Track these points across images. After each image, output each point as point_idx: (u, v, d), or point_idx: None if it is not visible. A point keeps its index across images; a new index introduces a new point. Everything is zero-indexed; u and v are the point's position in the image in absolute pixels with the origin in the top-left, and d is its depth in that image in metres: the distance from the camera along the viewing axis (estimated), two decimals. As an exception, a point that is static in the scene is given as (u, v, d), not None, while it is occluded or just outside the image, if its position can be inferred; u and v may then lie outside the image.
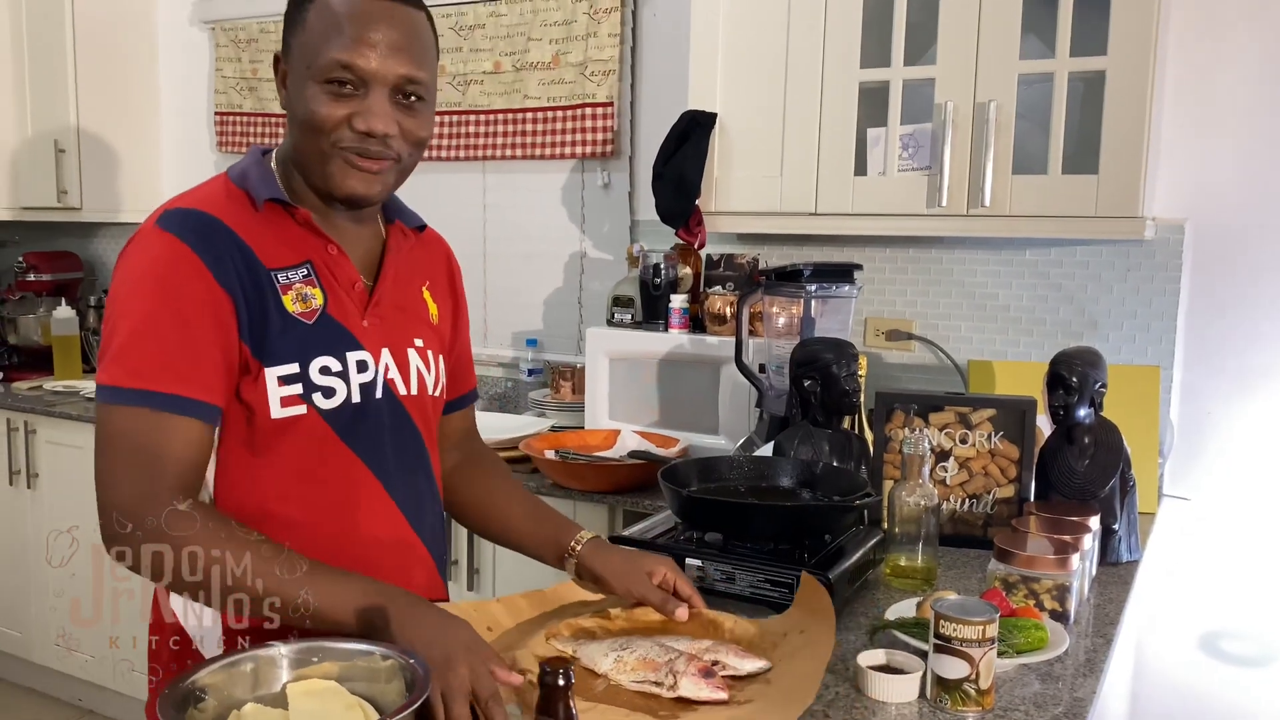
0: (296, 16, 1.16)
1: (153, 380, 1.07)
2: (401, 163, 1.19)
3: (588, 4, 2.82)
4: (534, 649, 1.21)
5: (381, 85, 1.13)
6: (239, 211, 1.17)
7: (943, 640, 1.15)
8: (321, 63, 1.12)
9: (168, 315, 1.09)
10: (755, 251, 2.59)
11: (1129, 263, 2.28)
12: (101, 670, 3.22)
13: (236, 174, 1.22)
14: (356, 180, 1.16)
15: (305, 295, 1.18)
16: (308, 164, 1.18)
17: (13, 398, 3.31)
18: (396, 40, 1.13)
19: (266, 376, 1.14)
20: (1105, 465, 1.75)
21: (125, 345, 1.08)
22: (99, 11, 3.53)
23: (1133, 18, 1.94)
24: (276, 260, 1.17)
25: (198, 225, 1.13)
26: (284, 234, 1.19)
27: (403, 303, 1.29)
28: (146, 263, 1.12)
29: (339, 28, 1.12)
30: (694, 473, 1.64)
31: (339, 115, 1.13)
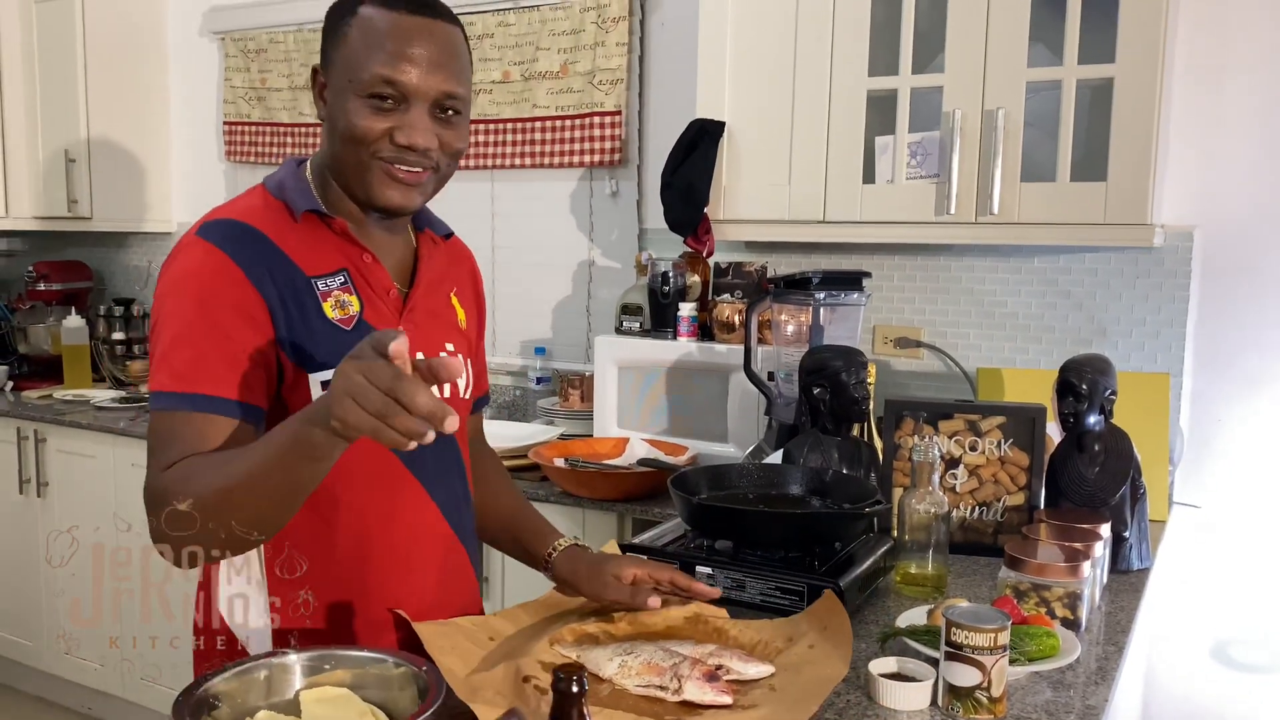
0: (337, 31, 1.19)
1: (193, 383, 1.10)
2: (439, 173, 1.23)
3: (596, 13, 2.83)
4: (538, 655, 1.21)
5: (422, 100, 1.16)
6: (277, 222, 1.20)
7: (954, 648, 1.14)
8: (364, 77, 1.15)
9: (206, 321, 1.12)
10: (763, 259, 2.59)
11: (1138, 270, 2.27)
12: (110, 678, 3.22)
13: (274, 185, 1.24)
14: (396, 191, 1.19)
15: (343, 302, 1.21)
16: (347, 174, 1.20)
17: (23, 406, 3.33)
18: (436, 56, 1.16)
19: (310, 382, 1.17)
20: (1115, 472, 1.75)
21: (167, 351, 1.12)
22: (110, 23, 3.56)
23: (1140, 25, 1.94)
24: (316, 268, 1.21)
25: (237, 235, 1.17)
26: (321, 243, 1.22)
27: (435, 308, 1.33)
28: (188, 271, 1.15)
29: (381, 44, 1.15)
30: (704, 480, 1.64)
31: (380, 128, 1.16)
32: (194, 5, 3.68)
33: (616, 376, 2.52)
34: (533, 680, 1.13)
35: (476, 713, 1.04)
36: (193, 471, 1.06)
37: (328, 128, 1.21)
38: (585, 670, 0.81)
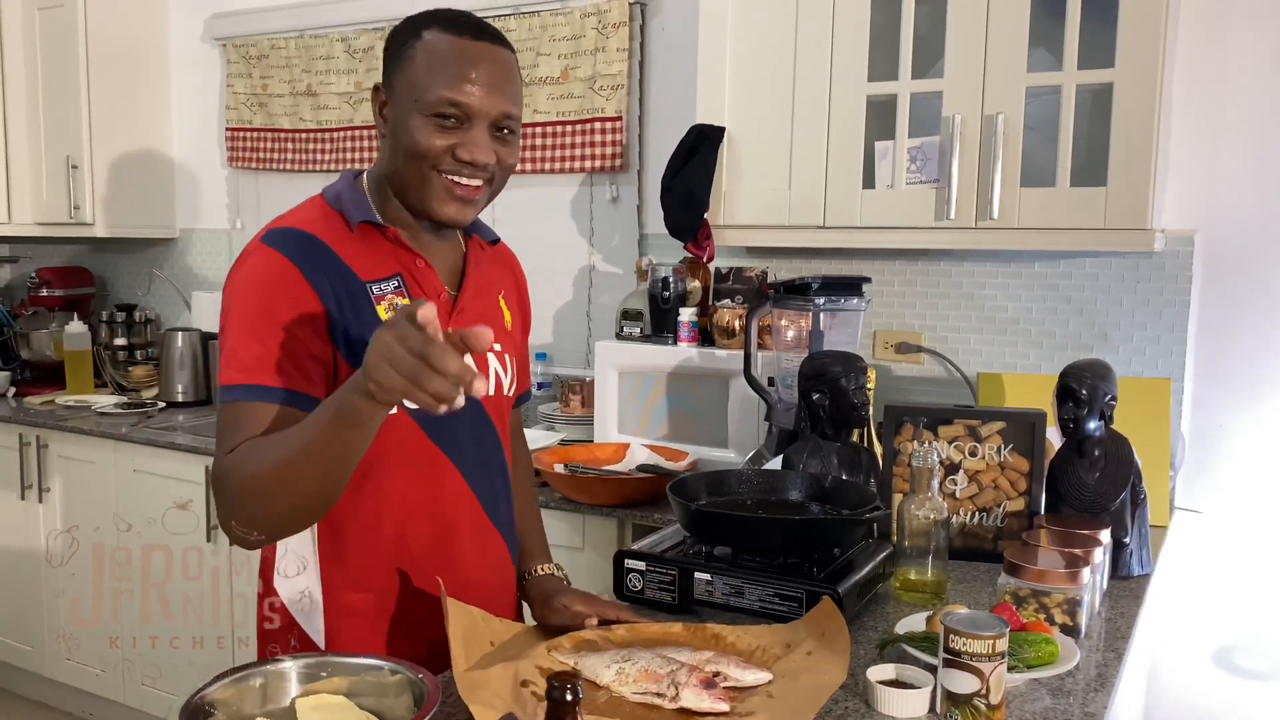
0: (401, 53, 1.26)
1: (256, 375, 1.18)
2: (493, 186, 1.31)
3: (596, 19, 2.83)
4: (536, 660, 1.21)
5: (483, 120, 1.25)
6: (335, 230, 1.28)
7: (952, 655, 1.14)
8: (430, 98, 1.22)
9: (270, 320, 1.20)
10: (764, 265, 2.59)
11: (1139, 275, 2.27)
12: (111, 683, 3.22)
13: (331, 196, 1.32)
14: (453, 206, 1.27)
15: (397, 305, 1.28)
16: (407, 187, 1.28)
17: (25, 412, 3.33)
18: (496, 80, 1.25)
19: None
20: (1116, 478, 1.74)
21: (235, 349, 1.20)
22: (112, 30, 3.56)
23: (1140, 30, 1.94)
24: (371, 274, 1.28)
25: (298, 242, 1.25)
26: (376, 250, 1.30)
27: (483, 310, 1.40)
28: (253, 274, 1.24)
29: (445, 67, 1.23)
30: (702, 486, 1.64)
31: (443, 145, 1.24)
32: (196, 12, 3.69)
33: (617, 382, 2.52)
34: (530, 686, 1.13)
35: (474, 713, 1.04)
36: (251, 452, 1.14)
37: (390, 143, 1.28)
38: (580, 678, 0.81)
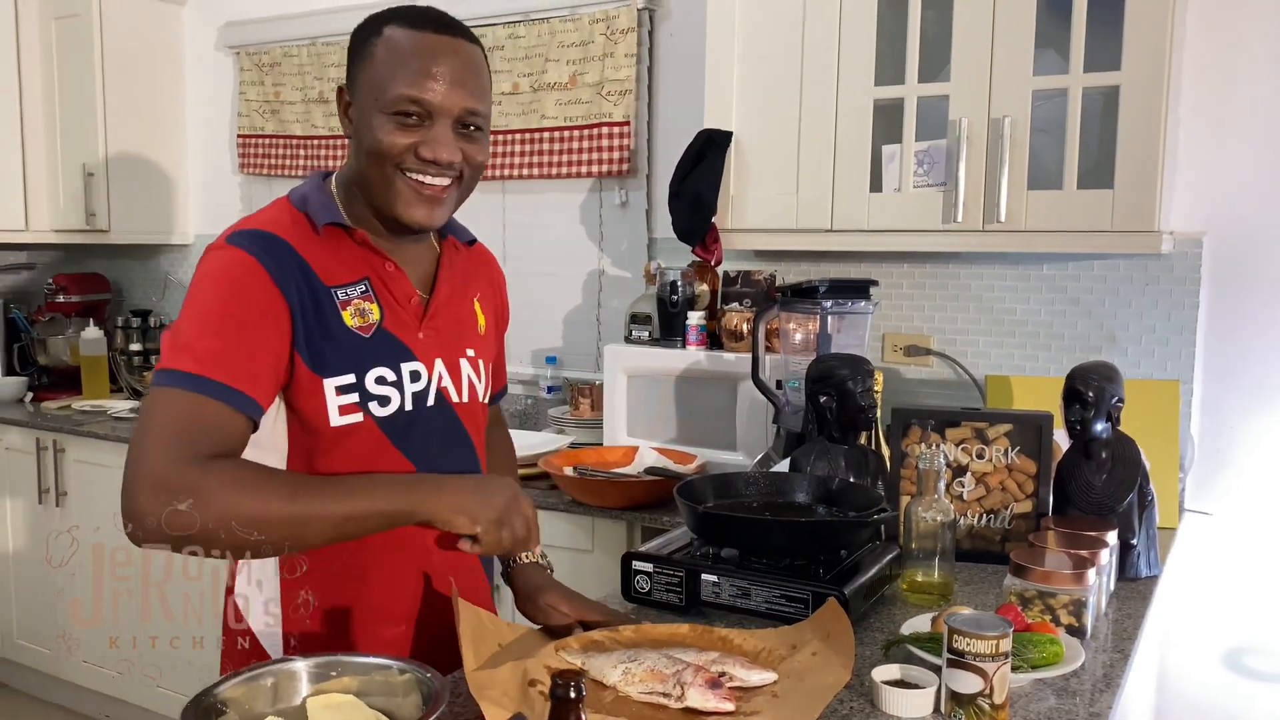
0: (363, 51, 1.23)
1: (210, 369, 1.12)
2: (462, 185, 1.27)
3: (605, 25, 2.85)
4: (544, 659, 1.23)
5: (446, 117, 1.21)
6: (300, 233, 1.24)
7: (956, 655, 1.15)
8: (390, 96, 1.19)
9: (231, 315, 1.16)
10: (772, 268, 2.60)
11: (1147, 276, 2.27)
12: (128, 686, 3.25)
13: (297, 198, 1.28)
14: (421, 208, 1.24)
15: (363, 310, 1.25)
16: (372, 189, 1.24)
17: (42, 417, 3.37)
18: (459, 75, 1.21)
19: (325, 387, 1.21)
20: (1123, 480, 1.75)
21: (191, 339, 1.15)
22: (127, 39, 3.61)
23: (1146, 32, 1.95)
24: (336, 278, 1.24)
25: (264, 242, 1.20)
26: (343, 253, 1.26)
27: (456, 314, 1.37)
28: (216, 271, 1.19)
29: (406, 63, 1.19)
30: (710, 489, 1.65)
31: (405, 143, 1.20)
32: (209, 20, 3.73)
33: (626, 385, 2.54)
34: (538, 685, 1.14)
35: (484, 710, 1.05)
36: (248, 481, 1.11)
37: (354, 145, 1.25)
38: (584, 676, 0.82)
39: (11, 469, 3.43)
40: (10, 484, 3.45)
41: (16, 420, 3.38)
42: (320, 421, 1.22)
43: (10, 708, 3.56)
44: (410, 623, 1.31)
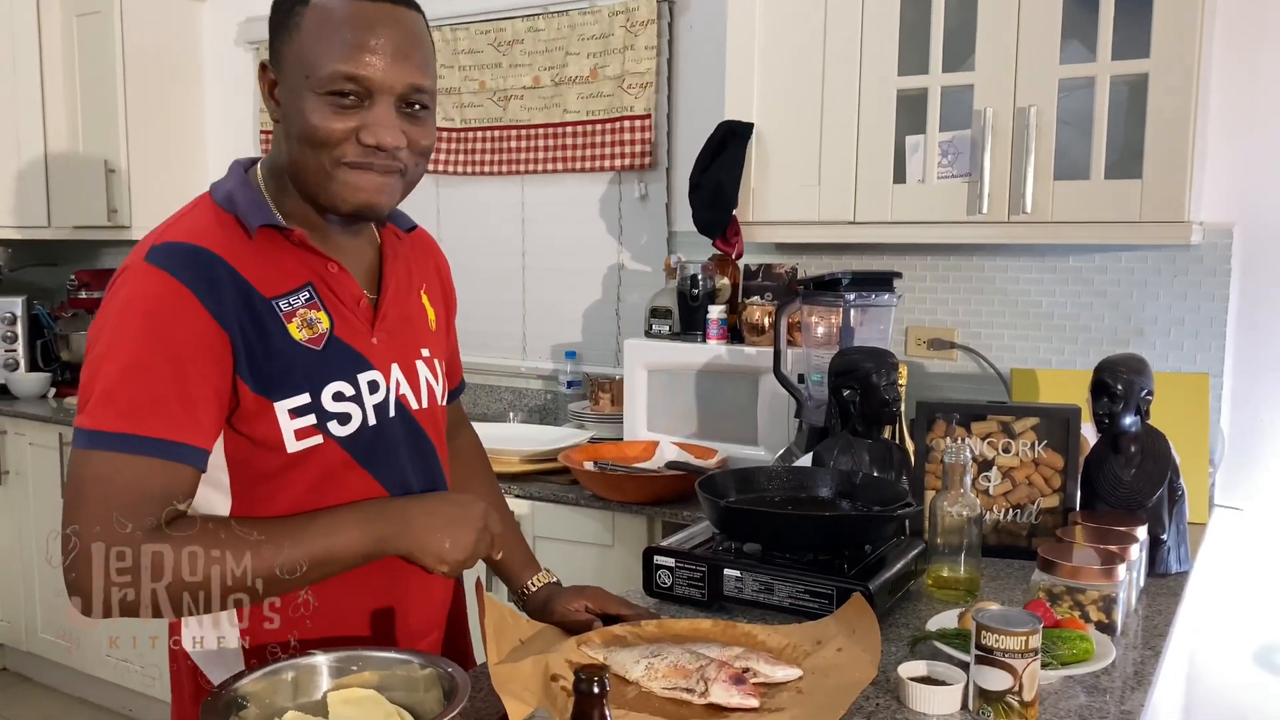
0: (287, 21, 1.08)
1: (141, 424, 0.99)
2: (407, 175, 1.13)
3: (625, 18, 2.83)
4: (566, 654, 1.21)
5: (387, 95, 1.07)
6: (230, 240, 1.09)
7: (984, 651, 1.13)
8: (322, 73, 1.05)
9: (159, 354, 1.01)
10: (793, 261, 2.58)
11: (1175, 268, 2.24)
12: (150, 680, 3.27)
13: (222, 197, 1.13)
14: (366, 194, 1.10)
15: (310, 320, 1.12)
16: (307, 180, 1.10)
17: (64, 413, 3.39)
18: (401, 47, 1.07)
19: (277, 411, 1.08)
20: (1152, 474, 1.72)
21: (112, 387, 1.00)
22: (148, 35, 3.62)
23: (1176, 19, 1.91)
24: (275, 288, 1.10)
25: (189, 259, 1.05)
26: (280, 258, 1.12)
27: (407, 312, 1.25)
28: (136, 300, 1.03)
29: (339, 34, 1.05)
30: (732, 483, 1.63)
31: (343, 129, 1.06)
32: (229, 17, 3.73)
33: (646, 379, 2.52)
34: (560, 680, 1.13)
35: (506, 705, 1.04)
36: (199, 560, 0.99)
37: (282, 130, 1.11)
38: (607, 671, 0.81)
39: (35, 464, 3.45)
40: (33, 479, 3.47)
41: (40, 416, 3.40)
42: (273, 447, 1.09)
43: (33, 701, 3.58)
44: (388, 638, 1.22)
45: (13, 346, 3.70)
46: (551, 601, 1.36)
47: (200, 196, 1.16)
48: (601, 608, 1.35)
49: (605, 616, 1.34)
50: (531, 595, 1.40)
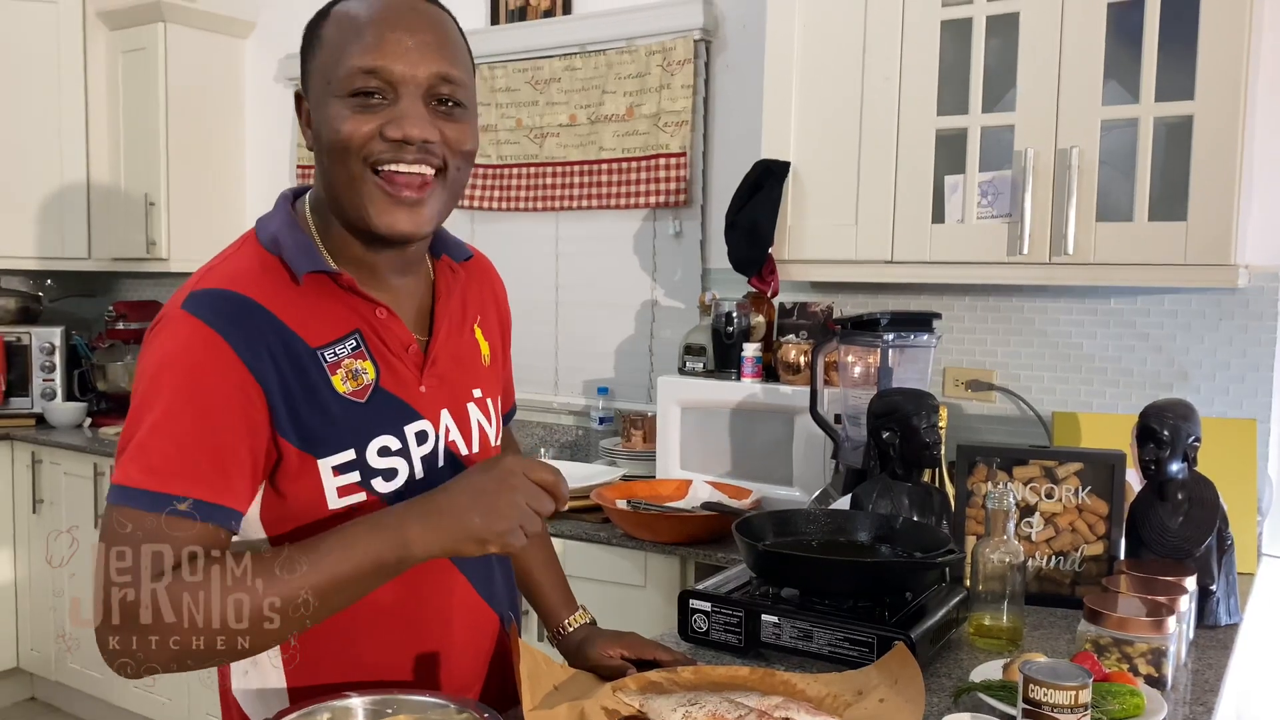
0: (311, 40, 1.05)
1: (169, 482, 0.95)
2: (448, 177, 1.05)
3: (661, 56, 2.85)
4: (601, 700, 1.19)
5: (413, 87, 1.00)
6: (275, 285, 1.04)
7: (1032, 705, 1.09)
8: (342, 74, 1.00)
9: (192, 410, 0.97)
10: (829, 300, 2.56)
11: (1221, 311, 2.20)
12: (178, 712, 3.26)
13: (268, 239, 1.08)
14: (400, 215, 1.03)
15: (356, 371, 1.06)
16: (342, 199, 1.04)
17: (100, 443, 3.41)
18: (425, 37, 1.01)
19: (320, 468, 1.04)
20: (1201, 522, 1.67)
21: (144, 442, 0.96)
22: (190, 71, 3.68)
23: (1221, 61, 1.89)
24: (321, 337, 1.05)
25: (230, 309, 1.00)
26: (327, 304, 1.07)
27: (458, 353, 1.19)
28: (173, 351, 0.99)
29: (358, 35, 1.00)
30: (769, 526, 1.61)
31: (368, 129, 1.00)
32: (270, 53, 3.79)
33: (680, 417, 2.50)
34: (595, 729, 1.11)
35: None
36: (199, 591, 0.93)
37: (316, 150, 1.06)
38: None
39: (69, 493, 3.48)
40: (67, 508, 3.49)
41: (76, 445, 3.43)
42: (315, 505, 1.04)
43: (62, 731, 3.59)
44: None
45: (50, 376, 3.74)
46: (586, 645, 1.34)
47: (246, 236, 1.10)
48: (638, 654, 1.32)
49: (641, 663, 1.32)
50: (567, 636, 1.38)
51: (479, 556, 1.09)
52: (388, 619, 1.11)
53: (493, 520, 0.97)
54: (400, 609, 1.12)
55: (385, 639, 1.12)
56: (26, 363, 3.72)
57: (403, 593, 1.11)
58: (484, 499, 0.98)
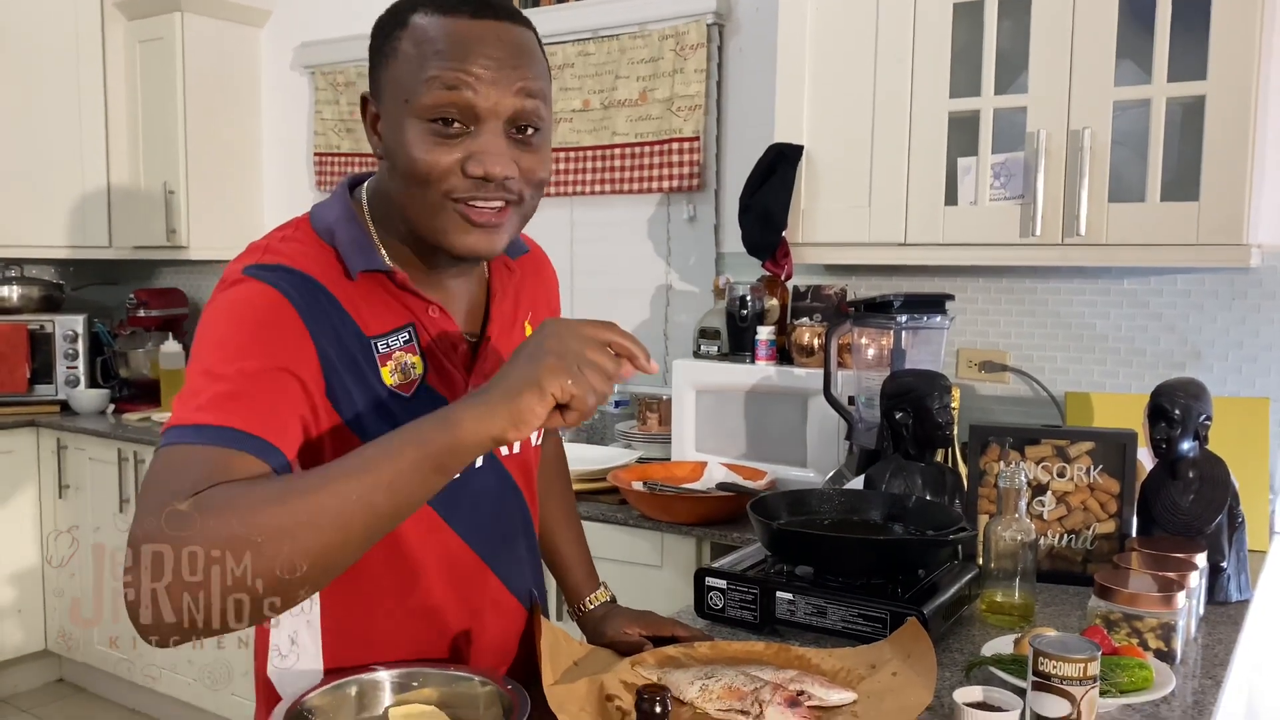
0: (385, 48, 1.02)
1: (219, 415, 0.91)
2: (523, 206, 1.05)
3: (674, 41, 2.86)
4: (620, 674, 1.22)
5: (494, 119, 0.99)
6: (332, 272, 1.04)
7: (1042, 677, 1.12)
8: (422, 99, 0.97)
9: (248, 354, 0.95)
10: (842, 282, 2.58)
11: (1234, 291, 2.21)
12: (201, 693, 3.32)
13: (323, 229, 1.07)
14: (476, 239, 1.02)
15: (405, 365, 1.06)
16: (414, 219, 1.03)
17: (123, 429, 3.47)
18: (507, 63, 0.99)
19: None
20: (1211, 500, 1.69)
21: (196, 388, 0.93)
22: (208, 60, 3.71)
23: (1234, 40, 1.90)
24: (376, 326, 1.05)
25: (296, 281, 1.00)
26: (381, 297, 1.06)
27: (509, 350, 1.14)
28: (240, 302, 0.98)
29: (439, 54, 0.97)
30: (783, 505, 1.63)
31: (448, 161, 0.98)
32: (286, 41, 3.82)
33: (694, 400, 2.53)
34: (615, 700, 1.14)
35: None
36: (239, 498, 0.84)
37: (389, 164, 1.03)
38: (669, 692, 0.82)
39: (94, 479, 3.53)
40: (91, 493, 3.55)
41: (99, 431, 3.48)
42: None
43: (88, 712, 3.65)
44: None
45: (74, 363, 3.79)
46: (606, 622, 1.37)
47: (299, 221, 1.09)
48: (655, 632, 1.35)
49: (658, 639, 1.35)
50: (588, 613, 1.41)
51: (511, 559, 1.15)
52: (421, 617, 1.14)
53: (543, 365, 0.86)
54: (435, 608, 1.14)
55: (418, 635, 1.14)
56: (50, 350, 3.76)
57: (438, 594, 1.14)
58: (529, 354, 0.89)
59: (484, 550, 1.17)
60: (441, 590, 1.14)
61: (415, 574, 1.12)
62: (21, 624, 3.63)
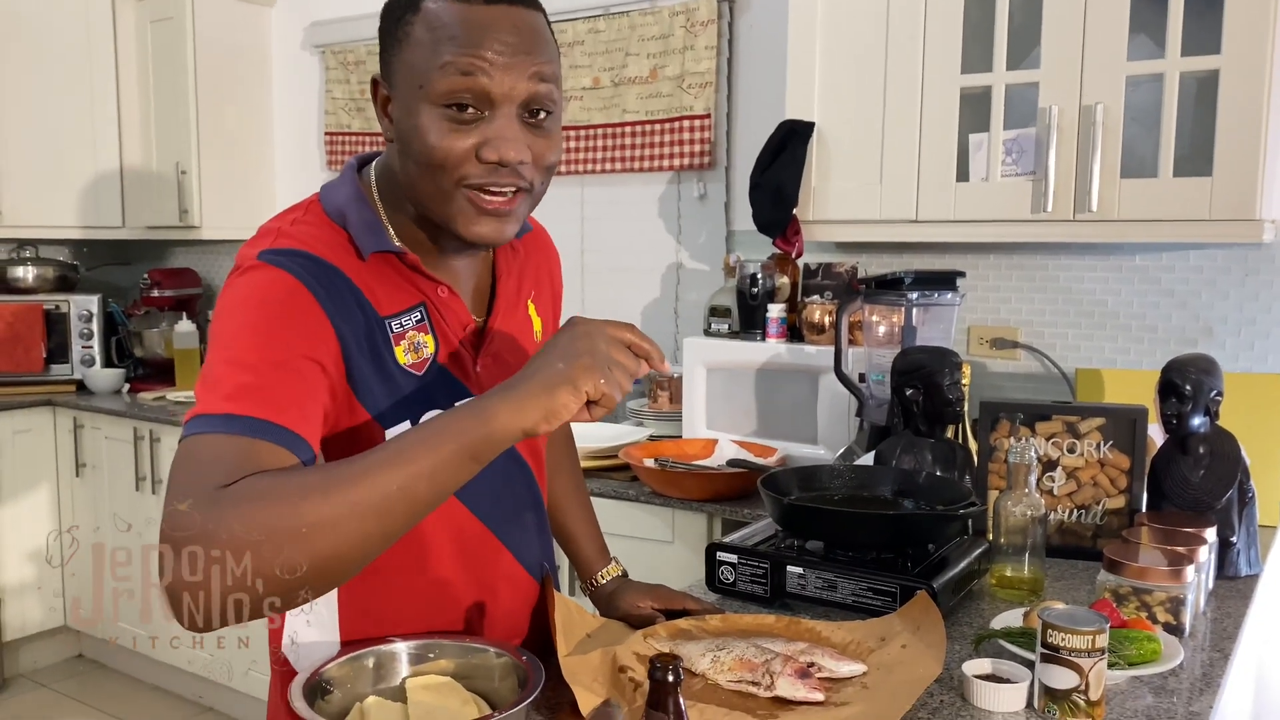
0: (397, 32, 1.02)
1: (242, 404, 0.91)
2: (533, 193, 1.05)
3: (685, 18, 2.85)
4: (633, 646, 1.24)
5: (509, 104, 0.99)
6: (344, 254, 1.05)
7: (1050, 650, 1.13)
8: (436, 85, 0.98)
9: (269, 342, 0.96)
10: (853, 260, 2.58)
11: (1246, 267, 2.20)
12: (220, 668, 3.36)
13: (334, 211, 1.08)
14: (486, 225, 1.03)
15: (417, 344, 1.08)
16: (426, 204, 1.04)
17: (138, 408, 3.50)
18: (520, 48, 0.99)
19: (385, 439, 1.04)
20: (1222, 475, 1.70)
21: (217, 377, 0.93)
22: (218, 40, 3.71)
23: (1247, 14, 1.88)
24: (390, 306, 1.07)
25: (311, 265, 1.01)
26: (392, 277, 1.08)
27: (513, 331, 1.20)
28: (256, 294, 0.98)
29: (453, 39, 0.97)
30: (794, 481, 1.64)
31: (463, 147, 0.99)
32: (296, 20, 3.82)
33: (705, 378, 2.54)
34: (627, 671, 1.16)
35: (576, 696, 1.07)
36: (275, 488, 0.85)
37: (399, 148, 1.04)
38: (681, 661, 0.83)
39: (110, 457, 3.57)
40: (108, 471, 3.58)
41: (115, 410, 3.52)
42: None
43: (108, 687, 3.70)
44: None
45: (89, 343, 3.82)
46: (618, 596, 1.39)
47: (308, 203, 1.10)
48: (667, 605, 1.37)
49: (670, 612, 1.36)
50: (600, 587, 1.43)
51: (520, 532, 1.17)
52: (434, 591, 1.15)
53: (577, 363, 0.90)
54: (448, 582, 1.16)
55: (432, 610, 1.15)
56: (66, 330, 3.79)
57: (450, 568, 1.16)
58: (560, 351, 0.91)
59: (495, 524, 1.20)
60: (453, 565, 1.16)
61: (427, 549, 1.13)
62: (41, 600, 3.68)
